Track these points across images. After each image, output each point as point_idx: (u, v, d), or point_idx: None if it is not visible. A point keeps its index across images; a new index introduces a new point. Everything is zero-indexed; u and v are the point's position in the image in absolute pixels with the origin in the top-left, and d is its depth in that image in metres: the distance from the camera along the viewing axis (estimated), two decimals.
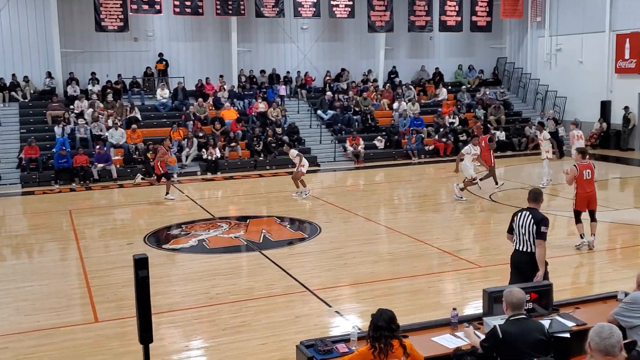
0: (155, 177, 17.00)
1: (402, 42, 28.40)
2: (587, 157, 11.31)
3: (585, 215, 11.16)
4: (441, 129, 24.50)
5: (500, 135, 25.05)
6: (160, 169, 16.60)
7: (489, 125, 23.98)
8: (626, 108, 23.73)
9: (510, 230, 7.48)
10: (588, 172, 10.97)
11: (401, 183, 19.93)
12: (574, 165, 11.04)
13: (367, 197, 17.56)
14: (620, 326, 5.64)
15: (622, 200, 16.25)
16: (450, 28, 27.35)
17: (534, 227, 7.11)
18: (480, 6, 27.42)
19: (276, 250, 11.67)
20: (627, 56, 23.83)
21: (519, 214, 7.37)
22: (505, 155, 23.98)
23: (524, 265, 7.22)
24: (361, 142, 23.29)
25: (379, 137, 24.16)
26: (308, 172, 17.54)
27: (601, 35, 24.78)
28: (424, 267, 10.49)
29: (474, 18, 27.45)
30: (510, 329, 5.19)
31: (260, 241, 12.40)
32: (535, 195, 7.42)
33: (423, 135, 24.32)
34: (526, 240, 7.19)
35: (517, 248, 7.35)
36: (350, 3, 25.59)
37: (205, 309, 8.82)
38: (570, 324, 5.91)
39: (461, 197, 15.69)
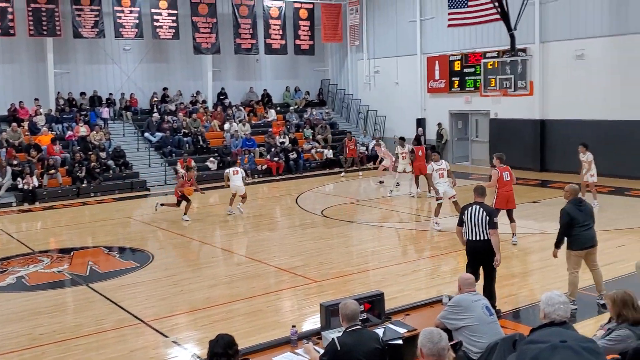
0: None
1: (230, 63, 28.51)
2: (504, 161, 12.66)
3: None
4: (272, 149, 24.86)
5: (328, 153, 26.05)
6: None
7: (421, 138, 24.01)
8: (439, 124, 25.68)
9: (461, 223, 8.30)
10: (507, 174, 12.40)
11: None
12: (495, 169, 12.47)
13: (202, 220, 17.27)
14: (446, 329, 6.02)
15: (443, 210, 17.43)
16: (276, 51, 27.95)
17: (487, 218, 8.04)
18: (303, 30, 28.34)
19: (105, 283, 11.04)
20: (437, 77, 25.85)
21: (469, 208, 8.23)
22: (333, 172, 24.88)
23: (479, 251, 8.14)
24: (193, 164, 22.79)
25: (211, 159, 23.95)
26: (139, 197, 16.89)
27: (413, 58, 26.68)
28: (262, 287, 10.48)
29: (298, 42, 28.30)
30: (347, 340, 5.30)
31: (87, 274, 11.68)
32: (482, 191, 8.48)
33: (255, 156, 24.52)
34: (480, 230, 8.07)
35: (470, 238, 8.20)
36: (175, 25, 25.23)
37: (28, 351, 8.10)
38: (402, 330, 6.19)
39: (437, 224, 14.18)
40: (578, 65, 20.91)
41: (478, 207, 8.18)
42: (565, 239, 8.56)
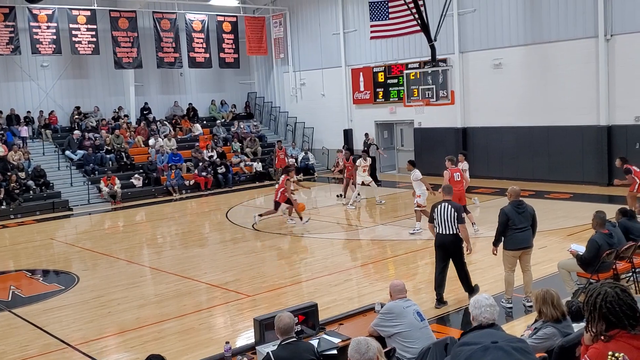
0: None
1: (153, 78, 28.05)
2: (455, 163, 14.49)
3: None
4: (200, 163, 24.56)
5: (257, 166, 26.00)
6: None
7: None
8: (366, 134, 26.04)
9: (432, 220, 9.20)
10: (457, 175, 14.07)
11: (163, 221, 19.50)
12: (447, 170, 13.98)
13: (128, 238, 16.86)
14: (379, 336, 6.10)
15: (370, 218, 17.71)
16: (200, 64, 27.69)
17: (455, 214, 8.97)
18: (227, 43, 28.19)
19: (29, 307, 10.60)
20: (362, 88, 26.26)
21: (439, 206, 9.11)
22: (263, 185, 24.82)
23: (448, 244, 9.08)
24: (117, 181, 22.37)
25: (136, 175, 23.45)
26: (61, 217, 16.32)
27: (338, 70, 27.02)
28: (193, 304, 10.31)
29: (222, 55, 28.13)
30: (283, 353, 5.29)
31: (9, 299, 11.17)
32: (449, 190, 9.61)
33: (182, 171, 24.16)
34: (449, 226, 8.96)
35: (440, 232, 9.07)
36: (94, 40, 24.60)
37: None
38: (336, 340, 6.22)
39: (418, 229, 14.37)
40: (496, 74, 21.71)
41: (447, 204, 9.09)
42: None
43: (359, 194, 19.03)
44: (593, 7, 18.84)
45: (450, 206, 9.05)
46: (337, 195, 20.44)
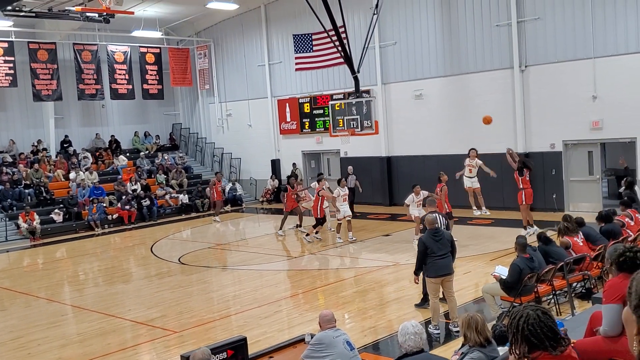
0: None
1: (73, 110, 27.32)
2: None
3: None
4: (123, 197, 23.97)
5: (184, 198, 25.61)
6: None
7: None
8: (294, 164, 26.17)
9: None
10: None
11: (85, 257, 18.84)
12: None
13: (49, 276, 16.19)
14: None
15: (298, 248, 17.68)
16: (122, 96, 27.21)
17: (444, 220, 10.74)
18: (150, 75, 27.86)
19: None
20: (288, 119, 26.43)
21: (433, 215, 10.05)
22: (189, 218, 24.45)
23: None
24: (36, 217, 21.53)
25: (56, 210, 22.65)
26: None
27: (265, 101, 27.13)
28: (118, 343, 9.97)
29: (145, 86, 27.75)
30: None
31: None
32: (432, 202, 11.15)
33: (105, 205, 23.50)
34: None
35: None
36: (12, 72, 23.79)
37: None
38: None
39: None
40: (418, 104, 22.33)
41: (437, 214, 10.46)
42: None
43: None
44: (508, 39, 19.77)
45: (439, 215, 10.72)
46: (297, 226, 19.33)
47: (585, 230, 10.45)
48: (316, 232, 17.46)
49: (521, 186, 15.91)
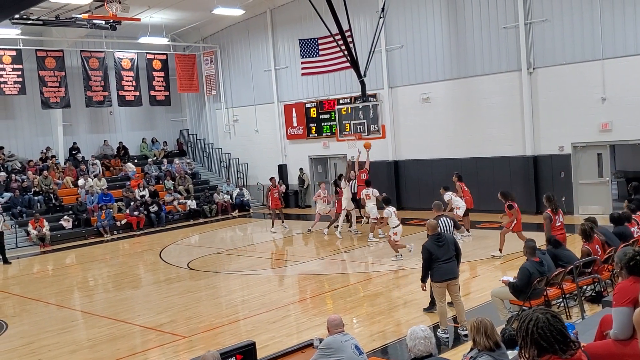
0: None
1: (81, 117, 27.46)
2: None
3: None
4: (132, 203, 24.05)
5: (192, 204, 25.66)
6: None
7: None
8: (301, 169, 26.18)
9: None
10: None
11: (95, 263, 18.89)
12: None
13: (59, 282, 16.24)
14: None
15: (306, 253, 17.69)
16: (130, 102, 27.33)
17: (451, 223, 11.46)
18: (157, 81, 27.99)
19: None
20: (295, 123, 26.45)
21: (440, 219, 10.94)
22: (198, 223, 24.50)
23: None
24: (46, 223, 21.63)
25: (65, 217, 22.74)
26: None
27: (271, 106, 27.16)
28: (127, 348, 10.00)
29: (153, 93, 27.88)
30: None
31: None
32: (439, 206, 11.76)
33: (113, 211, 23.58)
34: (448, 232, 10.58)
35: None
36: (20, 80, 23.97)
37: None
38: None
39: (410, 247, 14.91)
40: (425, 108, 22.31)
41: (444, 218, 11.20)
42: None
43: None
44: (515, 42, 19.71)
45: (446, 218, 11.51)
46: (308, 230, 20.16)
47: (602, 231, 10.35)
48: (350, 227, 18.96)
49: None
